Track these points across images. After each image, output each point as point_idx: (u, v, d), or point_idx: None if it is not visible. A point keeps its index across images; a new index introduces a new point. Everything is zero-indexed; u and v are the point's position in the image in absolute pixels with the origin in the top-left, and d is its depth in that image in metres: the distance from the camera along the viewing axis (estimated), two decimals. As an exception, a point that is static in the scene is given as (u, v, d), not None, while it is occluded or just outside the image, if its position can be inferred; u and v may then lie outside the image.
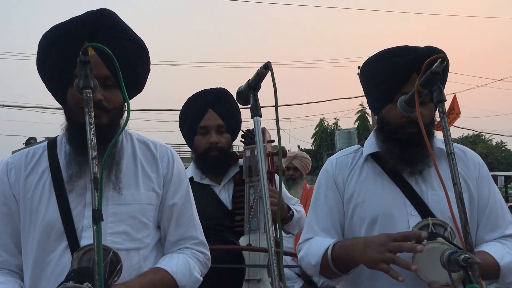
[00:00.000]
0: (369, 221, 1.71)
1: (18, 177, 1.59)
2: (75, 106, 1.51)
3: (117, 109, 1.55)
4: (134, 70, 1.58)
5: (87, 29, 1.50)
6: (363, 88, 1.87)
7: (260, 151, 1.24)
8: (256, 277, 2.20)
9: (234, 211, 2.39)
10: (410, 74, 1.67)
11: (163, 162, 1.67)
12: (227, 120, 2.46)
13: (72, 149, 1.56)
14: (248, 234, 2.27)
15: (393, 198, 1.71)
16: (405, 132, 1.69)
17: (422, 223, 1.56)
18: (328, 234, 1.78)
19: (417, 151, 1.69)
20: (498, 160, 36.25)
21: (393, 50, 1.74)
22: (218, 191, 2.46)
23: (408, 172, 1.72)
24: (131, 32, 1.58)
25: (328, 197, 1.82)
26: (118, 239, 1.51)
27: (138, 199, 1.58)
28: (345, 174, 1.82)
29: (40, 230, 1.52)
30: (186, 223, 1.68)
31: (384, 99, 1.74)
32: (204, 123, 2.46)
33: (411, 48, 1.71)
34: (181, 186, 1.69)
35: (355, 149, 1.90)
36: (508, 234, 1.70)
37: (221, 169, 2.47)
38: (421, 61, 1.58)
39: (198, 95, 2.52)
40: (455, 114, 9.66)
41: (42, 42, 1.55)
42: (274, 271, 1.15)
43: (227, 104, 2.48)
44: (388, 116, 1.73)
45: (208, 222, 2.32)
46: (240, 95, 1.35)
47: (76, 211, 1.52)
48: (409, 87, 1.64)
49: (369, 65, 1.81)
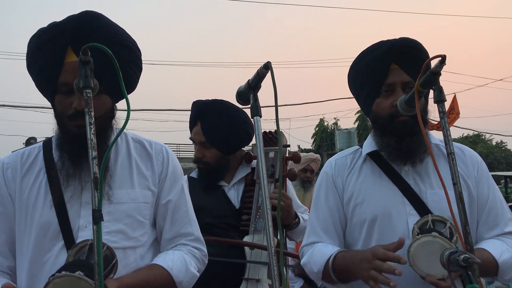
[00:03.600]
0: (369, 221, 1.72)
1: (15, 177, 1.59)
2: (62, 114, 1.52)
3: (104, 116, 1.55)
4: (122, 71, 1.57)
5: (69, 34, 1.47)
6: (353, 93, 1.90)
7: (260, 151, 1.24)
8: (255, 277, 2.20)
9: (241, 210, 2.41)
10: (389, 65, 1.73)
11: (158, 160, 1.68)
12: (211, 136, 2.43)
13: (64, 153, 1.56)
14: (253, 234, 2.29)
15: (392, 197, 1.72)
16: (398, 121, 1.71)
17: (422, 220, 1.57)
18: (330, 236, 1.80)
19: (413, 140, 1.70)
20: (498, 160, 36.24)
21: (369, 47, 1.81)
22: (227, 190, 2.48)
23: (407, 168, 1.74)
24: (118, 34, 1.55)
25: (329, 199, 1.83)
26: (114, 238, 1.52)
27: (134, 197, 1.58)
28: (344, 175, 1.83)
29: (36, 230, 1.52)
30: (181, 220, 1.69)
31: (372, 95, 1.77)
32: (191, 136, 2.53)
33: (384, 41, 1.78)
34: (176, 184, 1.70)
35: (354, 150, 1.92)
36: (507, 231, 1.71)
37: (213, 179, 2.49)
38: (395, 50, 1.72)
39: (192, 105, 2.53)
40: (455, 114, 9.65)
41: (29, 46, 1.54)
42: (274, 271, 1.15)
43: (215, 118, 2.44)
44: (378, 109, 1.76)
45: (214, 220, 2.36)
46: (240, 95, 1.35)
47: (72, 211, 1.53)
48: (390, 78, 1.72)
49: (352, 68, 1.86)
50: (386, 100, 1.73)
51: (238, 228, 2.35)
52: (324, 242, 1.80)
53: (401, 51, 1.71)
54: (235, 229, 2.35)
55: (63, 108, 1.50)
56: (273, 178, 2.39)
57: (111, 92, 1.54)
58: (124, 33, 1.59)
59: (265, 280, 2.20)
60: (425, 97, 1.76)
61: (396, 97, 1.68)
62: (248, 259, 2.25)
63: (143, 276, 1.52)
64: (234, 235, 2.34)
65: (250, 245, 2.26)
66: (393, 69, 1.72)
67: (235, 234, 2.34)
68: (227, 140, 2.46)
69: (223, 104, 2.49)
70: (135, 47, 1.60)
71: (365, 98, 1.81)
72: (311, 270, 1.78)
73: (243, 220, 2.36)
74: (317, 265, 1.74)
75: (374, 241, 1.70)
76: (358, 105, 1.93)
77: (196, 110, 2.49)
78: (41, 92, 1.59)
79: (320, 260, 1.73)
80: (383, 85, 1.73)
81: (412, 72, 1.69)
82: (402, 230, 1.66)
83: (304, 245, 1.86)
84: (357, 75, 1.83)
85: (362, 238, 1.74)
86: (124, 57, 1.54)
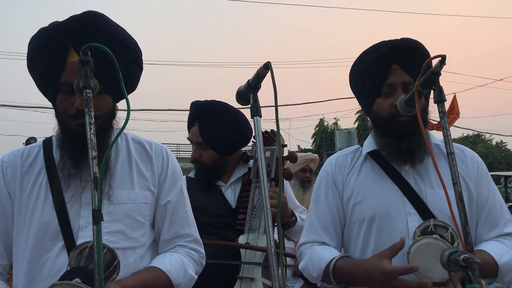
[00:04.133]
0: (368, 220, 1.72)
1: (14, 175, 1.59)
2: (63, 114, 1.51)
3: (106, 115, 1.55)
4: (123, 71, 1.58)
5: (71, 34, 1.47)
6: (354, 93, 1.90)
7: (260, 151, 1.24)
8: (249, 276, 2.21)
9: (238, 209, 2.41)
10: (390, 65, 1.72)
11: (158, 161, 1.68)
12: (209, 137, 2.44)
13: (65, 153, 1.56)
14: (248, 233, 2.30)
15: (392, 196, 1.72)
16: (398, 121, 1.71)
17: (424, 225, 1.56)
18: (328, 234, 1.81)
19: (413, 140, 1.71)
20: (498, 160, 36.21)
21: (371, 47, 1.81)
22: (224, 189, 2.49)
23: (407, 168, 1.74)
24: (119, 34, 1.55)
25: (328, 197, 1.83)
26: (114, 238, 1.52)
27: (134, 198, 1.59)
28: (344, 173, 1.83)
29: (36, 230, 1.52)
30: (180, 221, 1.69)
31: (372, 95, 1.77)
32: (189, 137, 2.54)
33: (385, 41, 1.78)
34: (176, 185, 1.70)
35: (355, 149, 1.92)
36: (507, 232, 1.71)
37: (210, 179, 2.50)
38: (396, 51, 1.72)
39: (190, 106, 2.54)
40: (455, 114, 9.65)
41: (30, 47, 1.54)
42: (274, 272, 1.15)
43: (213, 119, 2.44)
44: (378, 109, 1.76)
45: (211, 219, 2.37)
46: (240, 95, 1.35)
47: (72, 211, 1.52)
48: (391, 78, 1.72)
49: (353, 68, 1.86)
50: (387, 100, 1.73)
51: (235, 227, 2.36)
52: (322, 240, 1.81)
53: (402, 52, 1.71)
54: (232, 228, 2.36)
55: (65, 108, 1.50)
56: (269, 177, 2.40)
57: (112, 92, 1.54)
58: (125, 32, 1.59)
59: (259, 278, 2.21)
60: (426, 97, 1.76)
61: (396, 97, 1.68)
62: (242, 258, 2.26)
63: (142, 279, 1.52)
64: (231, 234, 2.35)
65: (246, 247, 2.26)
66: (394, 69, 1.72)
67: (232, 234, 2.35)
68: (224, 142, 2.46)
69: (221, 105, 2.49)
70: (136, 47, 1.60)
71: (366, 98, 1.81)
72: (310, 275, 1.79)
73: (239, 219, 2.37)
74: (316, 270, 1.75)
75: (373, 240, 1.70)
76: (358, 105, 1.95)
77: (194, 110, 2.49)
78: (42, 92, 1.59)
79: (319, 265, 1.73)
80: (383, 85, 1.73)
81: (413, 72, 1.69)
82: (401, 229, 1.66)
83: (302, 243, 1.85)
84: (358, 75, 1.83)
85: (361, 236, 1.74)
86: (125, 57, 1.54)
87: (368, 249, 1.72)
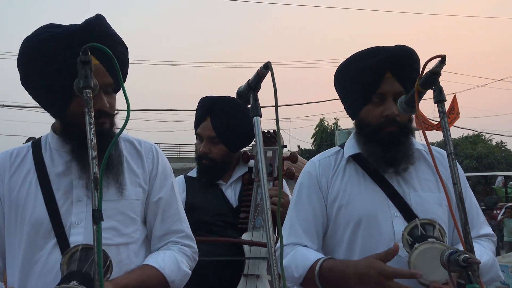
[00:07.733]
0: (354, 223, 1.71)
1: (3, 176, 1.59)
2: (79, 117, 1.47)
3: (116, 114, 1.58)
4: (125, 71, 1.61)
5: (88, 36, 1.45)
6: (339, 93, 1.88)
7: (260, 151, 1.24)
8: (255, 273, 2.21)
9: (239, 209, 2.42)
10: (383, 73, 1.70)
11: (148, 158, 1.70)
12: (221, 131, 2.45)
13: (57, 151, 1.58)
14: (252, 231, 2.31)
15: (377, 199, 1.71)
16: (385, 132, 1.70)
17: (410, 225, 1.55)
18: (310, 237, 1.77)
19: (398, 150, 1.71)
20: (498, 160, 36.14)
21: (365, 51, 1.77)
22: (224, 188, 2.50)
23: (391, 172, 1.73)
24: (118, 35, 1.60)
25: (312, 199, 1.80)
26: (107, 235, 1.52)
27: (126, 194, 1.59)
28: (329, 176, 1.81)
29: (28, 229, 1.52)
30: (172, 217, 1.70)
31: (361, 101, 1.75)
32: (199, 131, 2.53)
33: (381, 48, 1.74)
34: (166, 182, 1.72)
35: (336, 151, 1.90)
36: (482, 233, 1.76)
37: (214, 176, 2.50)
38: (392, 60, 1.69)
39: (201, 101, 2.55)
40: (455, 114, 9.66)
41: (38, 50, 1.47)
42: (274, 270, 1.15)
43: (226, 115, 2.45)
44: (367, 117, 1.75)
45: (212, 218, 2.38)
46: (240, 95, 1.35)
47: (63, 209, 1.53)
48: (383, 87, 1.70)
49: (342, 70, 1.83)
50: (377, 108, 1.72)
51: (236, 226, 2.37)
52: (304, 243, 1.77)
53: (398, 61, 1.70)
54: (233, 227, 2.37)
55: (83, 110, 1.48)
56: (272, 176, 2.42)
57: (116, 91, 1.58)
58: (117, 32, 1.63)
59: (264, 275, 2.20)
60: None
61: (386, 107, 1.68)
62: (247, 255, 2.26)
63: (136, 277, 1.52)
64: (232, 233, 2.35)
65: (250, 243, 2.27)
66: (386, 77, 1.71)
67: (233, 232, 2.35)
68: (236, 137, 2.48)
69: (234, 101, 2.49)
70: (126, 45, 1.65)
71: (353, 102, 1.79)
72: (291, 275, 1.72)
73: (240, 218, 2.38)
74: (299, 270, 1.69)
75: (359, 243, 1.69)
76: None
77: (207, 105, 2.50)
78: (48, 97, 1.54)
79: (303, 265, 1.69)
80: (374, 93, 1.71)
81: (405, 82, 1.68)
82: (387, 232, 1.66)
83: (284, 245, 1.79)
84: (348, 78, 1.80)
85: (345, 239, 1.72)
86: (127, 56, 1.61)
87: (354, 252, 1.70)
